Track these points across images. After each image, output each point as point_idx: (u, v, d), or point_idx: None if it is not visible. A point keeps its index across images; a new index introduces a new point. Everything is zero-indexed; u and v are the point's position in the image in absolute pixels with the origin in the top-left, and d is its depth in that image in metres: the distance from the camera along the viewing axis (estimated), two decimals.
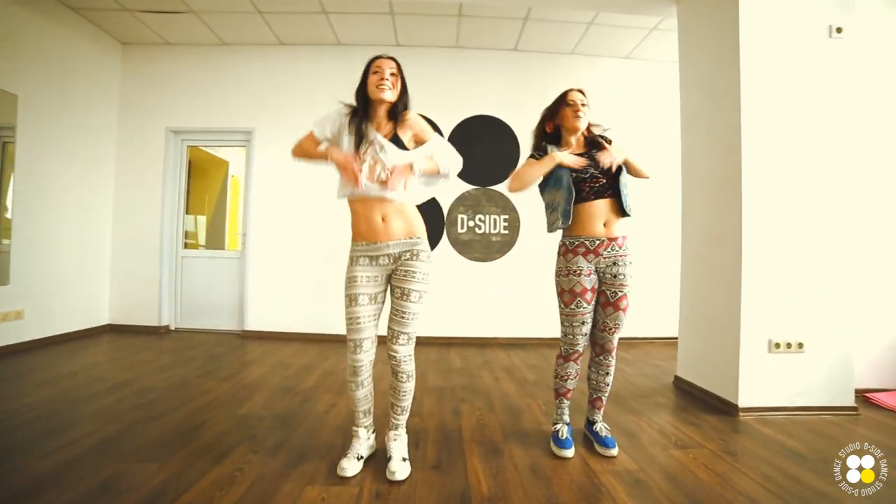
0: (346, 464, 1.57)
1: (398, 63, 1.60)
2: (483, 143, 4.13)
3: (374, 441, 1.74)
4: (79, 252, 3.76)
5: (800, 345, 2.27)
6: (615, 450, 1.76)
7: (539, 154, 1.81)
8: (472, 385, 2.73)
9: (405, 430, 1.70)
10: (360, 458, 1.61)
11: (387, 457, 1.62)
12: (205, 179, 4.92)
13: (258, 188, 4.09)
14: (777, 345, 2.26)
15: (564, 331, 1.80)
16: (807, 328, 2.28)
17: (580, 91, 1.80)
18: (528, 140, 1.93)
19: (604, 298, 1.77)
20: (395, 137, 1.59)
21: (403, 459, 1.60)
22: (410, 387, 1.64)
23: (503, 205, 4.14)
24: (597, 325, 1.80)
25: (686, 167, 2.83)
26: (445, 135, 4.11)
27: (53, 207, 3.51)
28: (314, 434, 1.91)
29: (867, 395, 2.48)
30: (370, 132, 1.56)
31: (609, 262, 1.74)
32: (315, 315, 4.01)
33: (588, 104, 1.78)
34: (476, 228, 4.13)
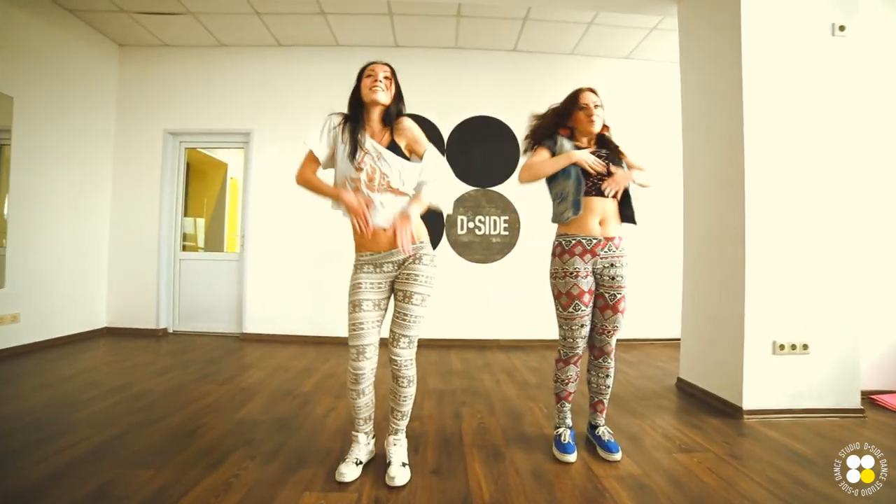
0: (345, 469, 1.54)
1: (392, 68, 1.59)
2: (482, 145, 4.11)
3: (374, 446, 1.71)
4: (76, 255, 3.74)
5: (804, 346, 2.24)
6: (619, 454, 1.73)
7: (551, 144, 1.75)
8: (473, 388, 2.70)
9: (405, 435, 1.68)
10: (359, 464, 1.59)
11: (386, 462, 1.59)
12: (203, 182, 4.90)
13: (256, 190, 4.07)
14: (781, 346, 2.23)
15: (563, 334, 1.77)
16: (812, 329, 2.25)
17: (592, 91, 1.75)
18: (529, 127, 1.83)
19: (602, 301, 1.74)
20: (393, 144, 1.56)
21: (403, 465, 1.57)
22: (411, 392, 1.62)
23: (503, 206, 4.12)
24: (595, 329, 1.77)
25: (687, 167, 2.81)
26: (445, 136, 4.10)
27: (50, 210, 3.49)
28: (313, 438, 1.88)
29: (873, 397, 2.45)
30: (365, 140, 1.53)
31: (606, 264, 1.71)
32: (314, 317, 3.99)
33: (601, 104, 1.74)
34: (476, 230, 4.11)
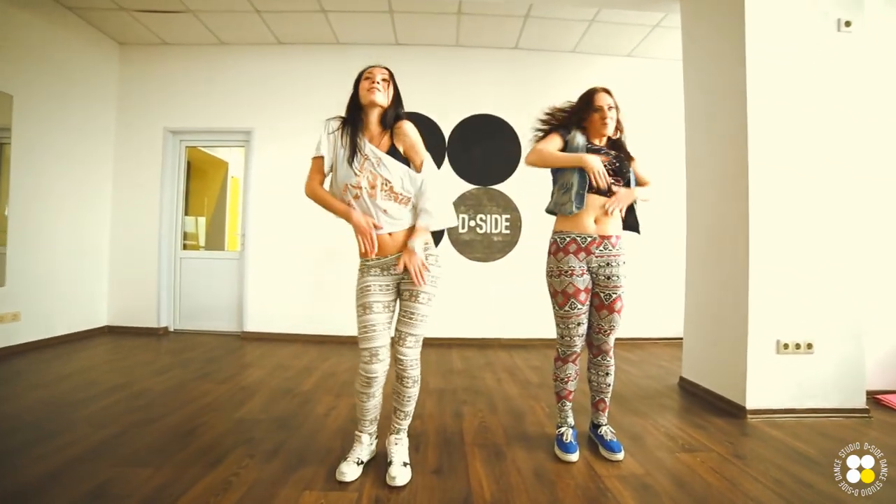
0: (346, 468, 1.53)
1: (391, 71, 1.58)
2: (484, 143, 4.10)
3: (375, 445, 1.70)
4: (76, 253, 3.73)
5: (809, 345, 2.22)
6: (621, 454, 1.72)
7: (564, 133, 1.73)
8: (474, 387, 2.68)
9: (406, 435, 1.67)
10: (360, 463, 1.58)
11: (387, 461, 1.58)
12: (204, 181, 4.90)
13: (257, 188, 4.06)
14: (786, 345, 2.21)
15: (560, 332, 1.76)
16: (816, 328, 2.23)
17: (607, 92, 1.73)
18: (544, 115, 1.82)
19: (598, 301, 1.73)
20: (393, 149, 1.54)
21: (404, 464, 1.56)
22: (415, 392, 1.61)
23: (504, 204, 4.10)
24: (592, 328, 1.77)
25: (690, 166, 2.79)
26: (446, 134, 4.08)
27: (50, 208, 3.48)
28: (313, 437, 1.87)
29: (878, 397, 2.43)
30: (365, 145, 1.52)
31: (602, 263, 1.70)
32: (315, 316, 3.98)
33: (616, 105, 1.72)
34: (477, 228, 4.09)
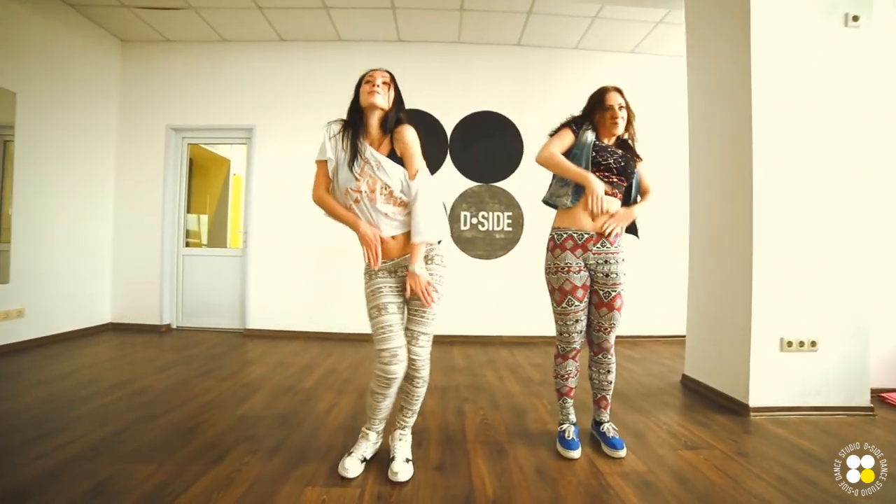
0: (350, 464, 1.53)
1: (392, 74, 1.57)
2: (486, 140, 4.08)
3: (379, 443, 1.70)
4: (79, 250, 3.74)
5: (813, 343, 2.21)
6: (623, 451, 1.71)
7: (575, 128, 1.73)
8: (476, 384, 2.68)
9: (410, 431, 1.67)
10: (364, 461, 1.58)
11: (390, 457, 1.58)
12: (206, 178, 4.91)
13: (259, 185, 4.06)
14: (789, 343, 2.20)
15: (559, 329, 1.75)
16: (820, 326, 2.21)
17: (618, 91, 1.72)
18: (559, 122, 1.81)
19: (597, 298, 1.72)
20: (393, 153, 1.54)
21: (407, 460, 1.56)
22: (424, 391, 1.61)
23: (507, 202, 4.09)
24: (591, 326, 1.76)
25: (694, 163, 2.77)
26: (448, 131, 4.07)
27: (53, 206, 3.49)
28: (315, 434, 1.87)
29: (883, 395, 2.41)
30: (365, 148, 1.52)
31: (600, 260, 1.69)
32: (317, 313, 3.98)
33: (626, 104, 1.71)
34: (479, 226, 4.08)
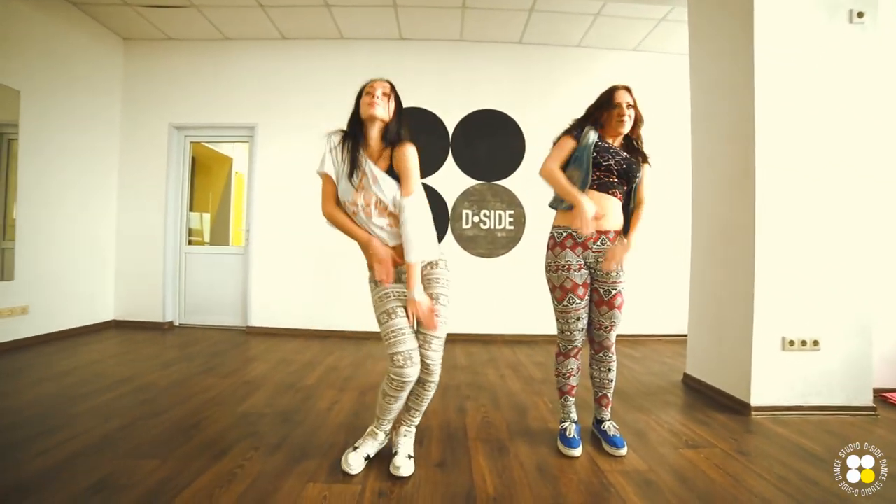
0: (353, 460, 1.54)
1: (392, 84, 1.57)
2: (488, 138, 4.08)
3: (386, 442, 1.71)
4: (83, 248, 3.76)
5: (815, 342, 2.20)
6: (624, 449, 1.71)
7: (577, 133, 1.72)
8: (477, 382, 2.69)
9: (415, 428, 1.68)
10: (368, 458, 1.59)
11: (392, 452, 1.59)
12: (209, 177, 4.92)
13: (261, 183, 4.07)
14: (791, 342, 2.19)
15: (560, 327, 1.76)
16: (822, 325, 2.21)
17: (627, 90, 1.72)
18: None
19: (597, 297, 1.72)
20: (391, 169, 1.53)
21: (409, 456, 1.57)
22: (433, 394, 1.62)
23: (508, 200, 4.09)
24: (592, 324, 1.76)
25: (696, 162, 2.76)
26: (450, 129, 4.07)
27: (57, 203, 3.51)
28: (316, 431, 1.88)
29: (885, 395, 2.41)
30: (364, 161, 1.52)
31: (601, 258, 1.69)
32: (318, 311, 3.99)
33: (635, 104, 1.71)
34: (481, 224, 4.08)
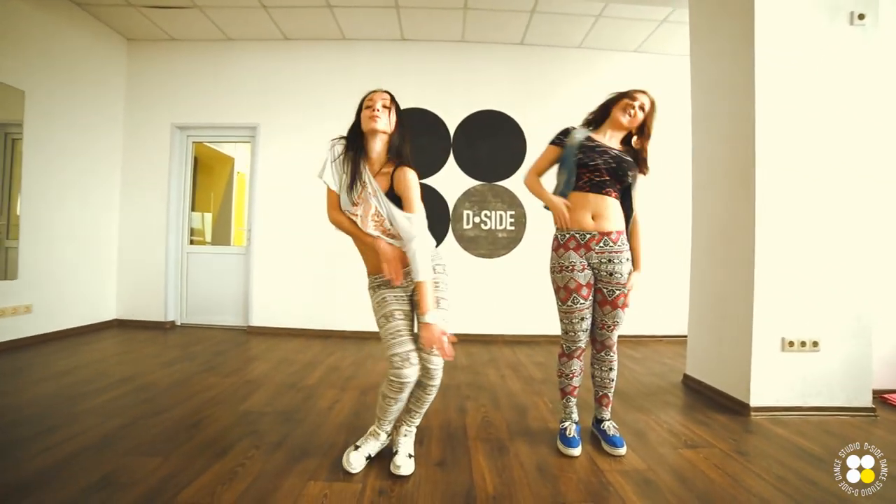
0: (355, 460, 1.55)
1: (392, 95, 1.58)
2: (489, 139, 4.09)
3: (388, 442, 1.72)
4: (86, 248, 3.78)
5: (814, 343, 2.20)
6: (623, 449, 1.72)
7: (561, 139, 1.78)
8: (478, 382, 2.69)
9: (415, 428, 1.69)
10: (369, 458, 1.60)
11: (392, 451, 1.60)
12: (210, 176, 4.93)
13: (263, 183, 4.08)
14: (791, 343, 2.20)
15: (564, 328, 1.76)
16: (822, 326, 2.21)
17: (646, 93, 1.75)
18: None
19: (601, 297, 1.73)
20: (390, 191, 1.53)
21: (409, 455, 1.58)
22: (433, 397, 1.62)
23: (509, 201, 4.09)
24: (595, 323, 1.77)
25: (697, 162, 2.77)
26: (451, 130, 4.08)
27: (61, 203, 3.53)
28: (317, 431, 1.89)
29: (885, 396, 2.41)
30: (365, 173, 1.53)
31: (604, 259, 1.69)
32: (319, 311, 4.00)
33: (649, 108, 1.73)
34: (482, 224, 4.09)
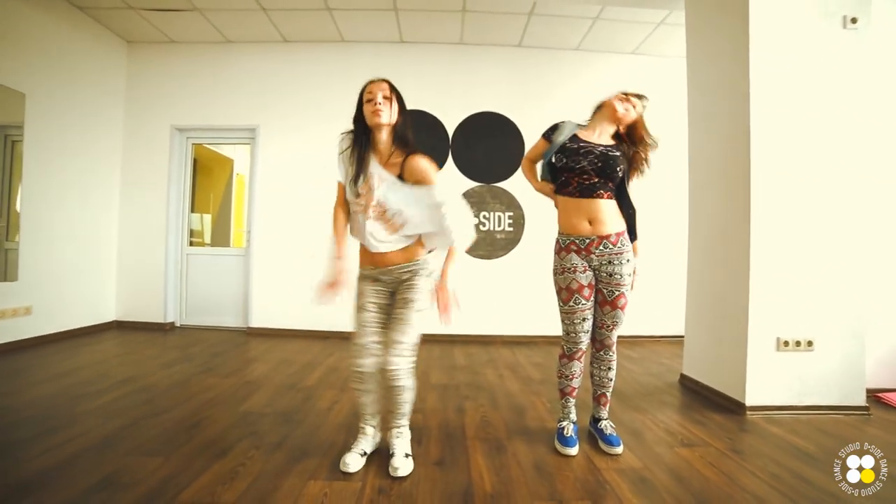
0: (350, 459, 1.56)
1: (391, 84, 1.58)
2: (487, 140, 4.11)
3: (379, 438, 1.73)
4: (85, 249, 3.79)
5: (809, 343, 2.23)
6: (620, 448, 1.74)
7: (549, 133, 1.85)
8: (476, 382, 2.71)
9: (408, 427, 1.70)
10: (364, 455, 1.61)
11: (389, 452, 1.61)
12: (210, 178, 4.94)
13: (262, 185, 4.10)
14: (786, 343, 2.22)
15: (566, 329, 1.78)
16: (816, 326, 2.23)
17: (643, 97, 1.79)
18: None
19: (601, 297, 1.75)
20: (400, 177, 1.56)
21: (406, 455, 1.59)
22: (408, 397, 1.63)
23: (508, 202, 4.11)
24: (595, 323, 1.79)
25: (693, 164, 2.79)
26: (450, 131, 4.10)
27: (61, 205, 3.54)
28: (316, 431, 1.90)
29: (878, 395, 2.43)
30: (371, 164, 1.55)
31: (604, 261, 1.72)
32: (319, 312, 4.00)
33: (641, 110, 1.77)
34: (480, 226, 4.11)
